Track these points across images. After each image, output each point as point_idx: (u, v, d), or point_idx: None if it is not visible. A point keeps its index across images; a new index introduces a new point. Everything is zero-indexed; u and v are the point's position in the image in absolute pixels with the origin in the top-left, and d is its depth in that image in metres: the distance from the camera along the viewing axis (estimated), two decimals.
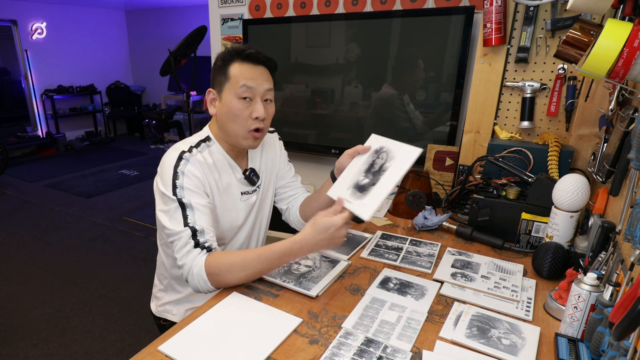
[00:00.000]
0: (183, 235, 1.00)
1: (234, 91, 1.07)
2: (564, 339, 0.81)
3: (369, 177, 0.99)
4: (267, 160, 1.29)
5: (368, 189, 0.96)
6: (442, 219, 1.35)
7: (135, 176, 5.23)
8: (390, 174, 0.95)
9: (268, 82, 1.11)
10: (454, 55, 1.84)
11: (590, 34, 1.00)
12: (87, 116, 7.02)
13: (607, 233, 0.92)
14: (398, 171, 0.94)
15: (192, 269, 0.98)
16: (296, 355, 0.78)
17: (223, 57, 1.09)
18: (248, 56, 1.08)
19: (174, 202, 1.02)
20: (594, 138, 1.43)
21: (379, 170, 0.98)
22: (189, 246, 1.00)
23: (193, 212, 1.02)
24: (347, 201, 0.98)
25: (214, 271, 0.97)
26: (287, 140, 1.25)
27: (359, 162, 1.07)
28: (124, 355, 2.12)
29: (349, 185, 1.02)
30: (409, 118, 2.04)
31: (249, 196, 1.22)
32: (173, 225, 1.02)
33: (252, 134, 1.10)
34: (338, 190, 1.04)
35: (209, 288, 0.99)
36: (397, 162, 0.97)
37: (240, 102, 1.07)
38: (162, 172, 1.07)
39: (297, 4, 2.27)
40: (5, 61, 6.28)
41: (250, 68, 1.08)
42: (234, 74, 1.07)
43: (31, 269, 2.96)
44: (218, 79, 1.10)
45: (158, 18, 6.99)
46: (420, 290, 1.01)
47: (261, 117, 1.08)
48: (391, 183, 0.93)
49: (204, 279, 0.97)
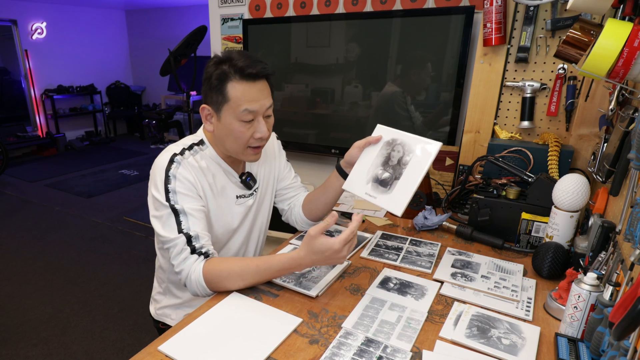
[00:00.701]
0: (178, 242, 0.99)
1: (235, 114, 1.01)
2: (564, 339, 0.81)
3: (388, 170, 0.98)
4: (265, 163, 1.27)
5: (392, 183, 0.96)
6: (442, 219, 1.35)
7: (135, 176, 5.23)
8: (414, 168, 0.95)
9: (268, 99, 1.05)
10: (454, 55, 1.84)
11: (591, 33, 1.00)
12: (87, 116, 7.02)
13: (607, 233, 0.92)
14: (423, 165, 0.95)
15: (189, 275, 0.98)
16: (296, 355, 0.78)
17: (219, 77, 0.99)
18: (249, 75, 0.99)
19: (166, 209, 1.01)
20: (594, 138, 1.43)
21: (398, 163, 0.97)
22: (185, 252, 0.99)
23: (187, 217, 1.01)
24: (371, 196, 0.97)
25: (213, 278, 0.97)
26: (287, 140, 1.26)
27: (372, 155, 1.06)
28: (123, 355, 2.12)
29: (368, 178, 1.01)
30: (409, 117, 2.04)
31: (245, 199, 1.20)
32: (167, 232, 1.01)
33: (251, 150, 1.08)
34: (356, 184, 1.04)
35: (207, 293, 0.99)
36: (417, 156, 0.96)
37: (242, 124, 1.02)
38: (154, 175, 1.04)
39: (297, 4, 2.27)
40: (5, 61, 6.28)
41: (251, 87, 1.00)
42: (234, 95, 0.99)
43: (31, 269, 2.97)
44: (214, 97, 1.02)
45: (158, 18, 6.99)
46: (420, 290, 1.01)
47: (265, 137, 1.06)
48: (418, 177, 0.94)
49: (202, 285, 0.97)
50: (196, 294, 1.00)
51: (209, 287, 0.98)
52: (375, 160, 1.04)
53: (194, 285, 0.98)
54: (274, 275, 0.99)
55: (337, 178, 1.20)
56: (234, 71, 0.99)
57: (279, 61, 2.34)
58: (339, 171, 1.19)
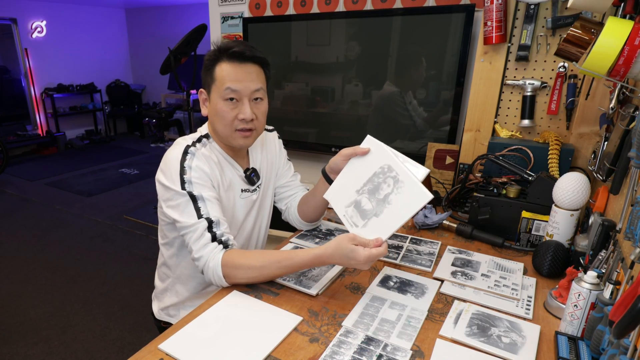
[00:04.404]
0: (198, 226, 0.99)
1: (219, 93, 1.05)
2: (564, 337, 0.81)
3: (372, 201, 0.94)
4: (267, 160, 1.28)
5: (370, 219, 0.93)
6: (442, 218, 1.35)
7: (136, 175, 5.23)
8: (394, 214, 0.90)
9: (256, 82, 1.06)
10: (454, 53, 1.84)
11: (591, 32, 1.00)
12: (87, 115, 7.02)
13: (608, 231, 0.92)
14: (404, 215, 0.89)
15: (208, 262, 0.98)
16: (296, 354, 0.78)
17: (210, 57, 1.06)
18: (233, 54, 1.03)
19: (183, 196, 1.01)
20: (594, 136, 1.43)
21: (383, 199, 0.92)
22: (205, 239, 0.99)
23: (205, 203, 1.01)
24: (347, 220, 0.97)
25: (230, 271, 0.97)
26: (287, 139, 1.25)
27: (358, 170, 1.01)
28: (124, 354, 2.12)
29: (350, 200, 0.99)
30: (409, 116, 2.04)
31: (249, 194, 1.21)
32: (185, 218, 1.00)
33: (239, 134, 1.08)
34: (338, 200, 1.01)
35: (222, 284, 0.99)
36: (404, 202, 0.90)
37: (226, 103, 1.05)
38: (166, 168, 1.05)
39: (297, 2, 2.27)
40: (5, 60, 6.28)
41: (236, 68, 1.03)
42: (219, 75, 1.04)
43: (31, 268, 2.97)
44: (206, 79, 1.08)
45: (158, 16, 6.99)
46: (421, 288, 1.01)
47: (247, 118, 1.06)
48: (394, 226, 0.89)
49: (219, 275, 0.97)
50: (211, 282, 1.00)
51: (226, 278, 0.98)
52: (362, 178, 0.99)
53: (211, 273, 0.98)
54: (294, 270, 0.99)
55: (323, 183, 1.17)
56: (223, 53, 1.04)
57: (279, 60, 2.34)
58: (324, 175, 1.17)
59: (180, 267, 1.19)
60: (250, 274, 0.97)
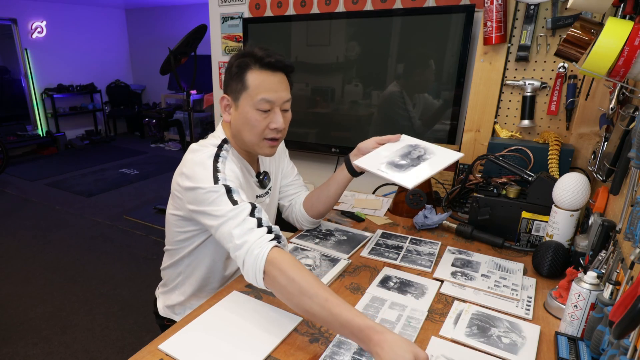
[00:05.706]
0: (239, 211, 0.90)
1: (252, 102, 1.01)
2: (564, 338, 0.81)
3: (406, 160, 1.06)
4: (274, 162, 1.29)
5: (407, 168, 1.03)
6: (442, 218, 1.35)
7: (136, 175, 5.23)
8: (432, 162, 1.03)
9: (287, 92, 1.06)
10: (454, 53, 1.84)
11: (591, 32, 1.00)
12: (87, 115, 7.01)
13: (608, 232, 0.92)
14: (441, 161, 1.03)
15: (252, 249, 0.85)
16: (296, 354, 0.78)
17: (240, 64, 1.02)
18: (268, 64, 1.01)
19: (216, 191, 0.94)
20: (594, 137, 1.43)
21: (417, 158, 1.05)
22: (249, 223, 0.89)
23: (239, 194, 0.95)
24: (383, 172, 1.04)
25: (273, 271, 0.82)
26: (288, 139, 1.25)
27: (391, 149, 1.12)
28: (124, 354, 2.12)
29: (384, 161, 1.07)
30: (409, 117, 2.04)
31: (262, 199, 1.21)
32: (222, 206, 0.92)
33: (267, 142, 1.07)
34: (371, 162, 1.09)
35: (258, 280, 0.85)
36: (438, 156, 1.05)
37: (259, 113, 1.02)
38: (192, 172, 0.98)
39: (297, 3, 2.27)
40: (5, 60, 6.28)
41: (270, 77, 1.02)
42: (253, 83, 1.01)
43: (32, 268, 2.97)
44: (234, 86, 1.04)
45: (158, 16, 6.98)
46: (421, 289, 1.01)
47: (280, 128, 1.06)
48: (436, 167, 1.02)
49: (260, 267, 0.83)
50: (247, 274, 0.87)
51: (265, 277, 0.84)
52: (395, 152, 1.10)
53: (252, 262, 0.84)
54: (329, 324, 0.76)
55: (342, 170, 1.20)
56: (254, 61, 1.01)
57: None
58: (346, 162, 1.19)
59: (191, 268, 1.16)
60: (287, 289, 0.80)
